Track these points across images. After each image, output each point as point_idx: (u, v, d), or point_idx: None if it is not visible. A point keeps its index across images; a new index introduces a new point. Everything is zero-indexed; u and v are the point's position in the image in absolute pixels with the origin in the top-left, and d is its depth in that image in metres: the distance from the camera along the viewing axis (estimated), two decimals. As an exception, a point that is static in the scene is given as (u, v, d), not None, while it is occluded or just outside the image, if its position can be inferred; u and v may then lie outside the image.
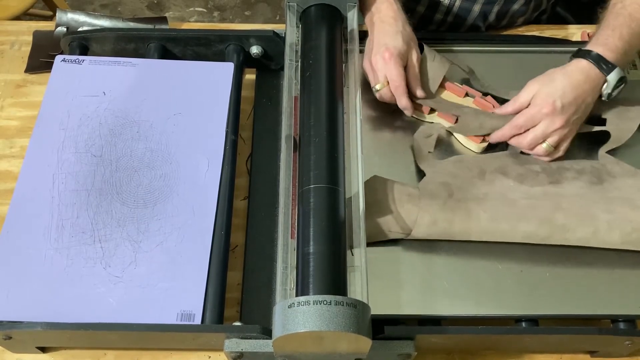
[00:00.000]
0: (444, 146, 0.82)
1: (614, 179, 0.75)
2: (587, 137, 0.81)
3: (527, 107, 0.77)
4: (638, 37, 0.77)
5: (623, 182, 0.75)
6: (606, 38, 0.76)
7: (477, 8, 0.98)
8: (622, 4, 0.78)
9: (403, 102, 0.81)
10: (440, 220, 0.71)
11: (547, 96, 0.74)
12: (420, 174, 0.77)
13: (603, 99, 0.78)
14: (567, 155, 0.79)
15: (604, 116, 0.81)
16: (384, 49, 0.79)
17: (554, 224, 0.71)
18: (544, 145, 0.76)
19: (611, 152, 0.79)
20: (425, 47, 0.86)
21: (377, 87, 0.81)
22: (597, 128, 0.81)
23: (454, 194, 0.73)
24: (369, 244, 0.67)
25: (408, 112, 0.82)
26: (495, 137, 0.79)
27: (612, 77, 0.75)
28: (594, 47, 0.76)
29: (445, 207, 0.72)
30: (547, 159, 0.79)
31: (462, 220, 0.71)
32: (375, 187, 0.73)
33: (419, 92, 0.82)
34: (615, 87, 0.76)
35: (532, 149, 0.77)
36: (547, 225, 0.71)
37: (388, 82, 0.80)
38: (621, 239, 0.71)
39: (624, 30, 0.76)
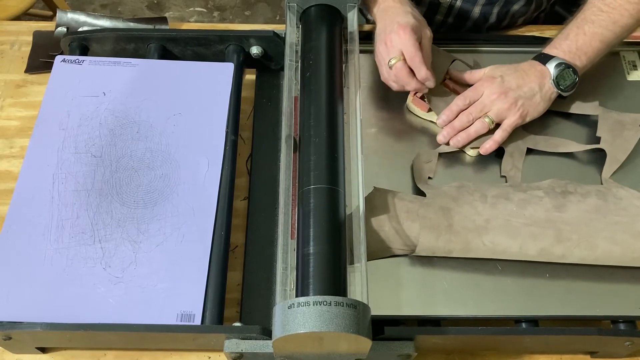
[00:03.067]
0: (450, 159, 0.81)
1: (620, 201, 0.74)
2: (584, 160, 0.81)
3: (476, 81, 0.82)
4: (589, 37, 0.80)
5: (629, 202, 0.73)
6: (553, 41, 0.83)
7: (477, 9, 0.98)
8: (584, 7, 0.83)
9: (422, 73, 0.79)
10: (438, 252, 0.71)
11: (491, 73, 0.81)
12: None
13: (555, 90, 0.79)
14: (568, 179, 0.77)
15: (598, 134, 0.81)
16: (397, 26, 0.79)
17: (554, 254, 0.70)
18: (486, 119, 0.79)
19: (615, 175, 0.78)
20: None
21: (393, 60, 0.79)
22: (590, 146, 0.80)
23: (454, 224, 0.71)
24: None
25: (430, 84, 0.80)
26: (441, 116, 0.81)
27: (551, 65, 0.79)
28: (542, 50, 0.83)
29: (444, 239, 0.70)
30: (491, 145, 0.79)
31: (460, 252, 0.71)
32: (375, 203, 0.73)
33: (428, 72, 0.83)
34: (559, 77, 0.79)
35: (471, 122, 0.79)
36: (546, 256, 0.71)
37: (403, 57, 0.79)
38: (620, 264, 0.71)
39: (572, 32, 0.81)
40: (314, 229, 0.63)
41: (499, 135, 0.79)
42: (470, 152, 0.80)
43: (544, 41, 0.92)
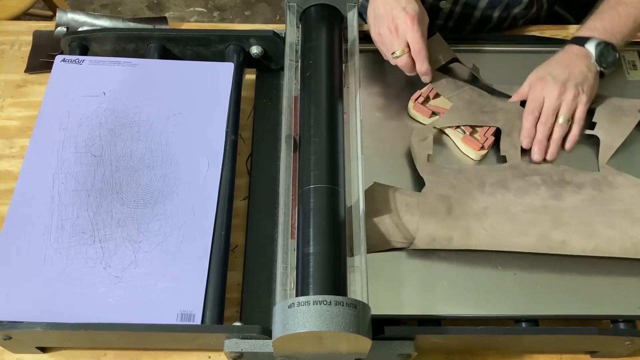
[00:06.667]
0: (443, 154, 0.81)
1: (615, 190, 0.75)
2: (584, 142, 0.81)
3: (527, 95, 0.81)
4: (624, 18, 0.82)
5: (625, 192, 0.74)
6: (587, 23, 0.83)
7: (477, 14, 0.98)
8: None
9: (424, 67, 0.79)
10: (439, 239, 0.71)
11: (538, 77, 0.80)
12: (420, 177, 0.77)
13: (599, 69, 0.80)
14: (566, 164, 0.78)
15: (594, 119, 0.81)
16: (404, 14, 0.77)
17: (553, 240, 0.71)
18: (560, 120, 0.79)
19: (614, 160, 0.79)
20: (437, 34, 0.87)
21: (398, 52, 0.79)
22: (585, 132, 0.81)
23: (453, 210, 0.72)
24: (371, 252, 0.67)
25: (427, 79, 0.81)
26: (523, 138, 0.79)
27: (590, 45, 0.80)
28: (574, 35, 0.84)
29: (444, 225, 0.71)
30: (572, 140, 0.79)
31: (461, 238, 0.71)
32: (375, 197, 0.73)
33: (429, 68, 0.83)
34: (601, 55, 0.80)
35: (550, 129, 0.79)
36: (546, 242, 0.71)
37: (409, 48, 0.79)
38: (620, 252, 0.71)
39: (606, 13, 0.83)
40: (314, 229, 0.63)
41: (577, 129, 0.80)
42: (473, 155, 0.80)
43: (544, 41, 0.93)
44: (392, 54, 0.79)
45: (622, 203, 0.73)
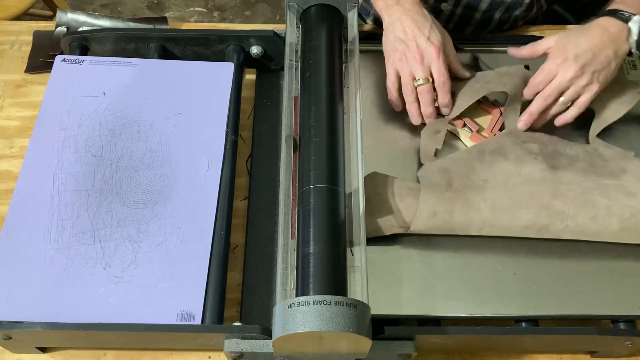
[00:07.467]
0: (449, 151, 0.81)
1: (606, 163, 0.76)
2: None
3: (540, 55, 0.79)
4: None
5: (615, 166, 0.75)
6: None
7: (478, 15, 0.98)
8: None
9: (447, 99, 0.78)
10: (440, 212, 0.71)
11: (561, 47, 0.76)
12: (421, 177, 0.77)
13: (633, 50, 0.77)
14: (559, 135, 0.79)
15: None
16: (429, 44, 0.76)
17: (553, 210, 0.71)
18: (561, 99, 0.77)
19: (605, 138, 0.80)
20: None
21: (421, 81, 0.77)
22: None
23: (453, 183, 0.73)
24: (369, 242, 0.67)
25: (447, 111, 0.80)
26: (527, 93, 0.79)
27: (634, 24, 0.75)
28: (609, 7, 0.77)
29: (444, 198, 0.71)
30: (563, 120, 0.78)
31: (462, 212, 0.71)
32: (375, 182, 0.73)
33: (464, 73, 0.82)
34: None
35: (549, 105, 0.77)
36: (546, 213, 0.71)
37: (432, 78, 0.77)
38: (620, 224, 0.71)
39: None
40: (314, 229, 0.63)
41: (574, 112, 0.78)
42: None
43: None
44: (415, 81, 0.78)
45: (613, 178, 0.74)
